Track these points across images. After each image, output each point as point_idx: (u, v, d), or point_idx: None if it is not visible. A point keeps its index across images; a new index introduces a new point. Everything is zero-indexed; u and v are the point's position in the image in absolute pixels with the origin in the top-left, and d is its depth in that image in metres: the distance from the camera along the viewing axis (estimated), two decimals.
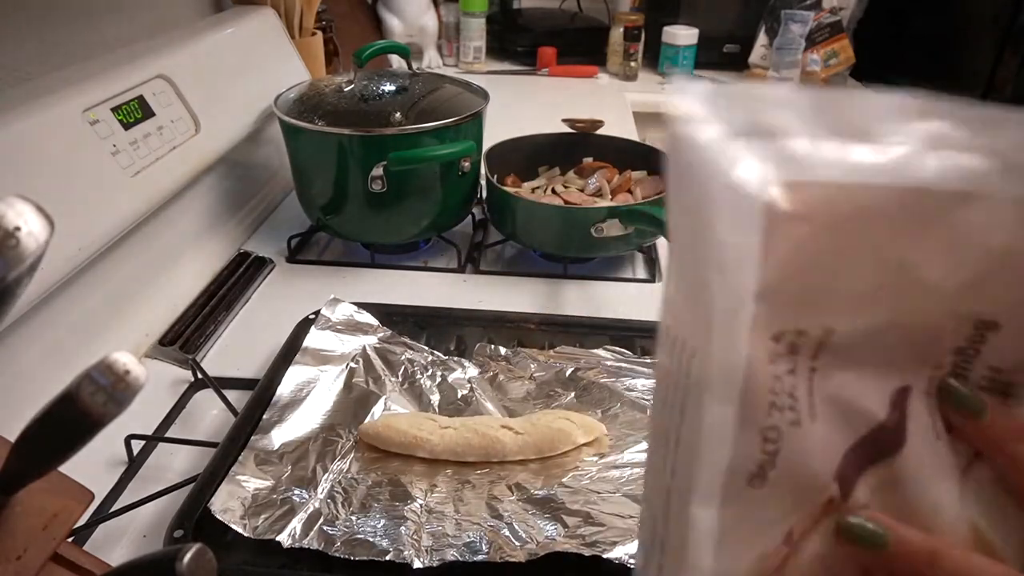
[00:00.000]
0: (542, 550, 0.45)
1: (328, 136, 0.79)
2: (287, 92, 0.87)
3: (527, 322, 0.71)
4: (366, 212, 0.83)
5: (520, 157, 0.98)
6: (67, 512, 0.33)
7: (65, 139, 0.63)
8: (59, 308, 0.62)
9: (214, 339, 0.74)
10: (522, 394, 0.62)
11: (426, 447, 0.54)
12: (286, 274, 0.86)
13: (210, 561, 0.27)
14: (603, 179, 0.93)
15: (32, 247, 0.22)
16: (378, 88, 0.86)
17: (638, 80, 1.69)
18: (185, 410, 0.64)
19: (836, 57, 1.54)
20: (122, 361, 0.24)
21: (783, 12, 1.53)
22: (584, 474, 0.53)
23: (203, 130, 0.82)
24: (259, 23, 1.02)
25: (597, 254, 0.86)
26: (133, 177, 0.69)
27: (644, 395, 0.60)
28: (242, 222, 0.94)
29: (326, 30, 1.24)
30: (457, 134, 0.82)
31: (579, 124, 1.00)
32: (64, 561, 0.33)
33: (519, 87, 1.65)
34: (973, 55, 1.39)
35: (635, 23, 1.64)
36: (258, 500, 0.49)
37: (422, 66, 1.68)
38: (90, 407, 0.24)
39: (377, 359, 0.64)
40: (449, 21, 1.70)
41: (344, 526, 0.48)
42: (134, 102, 0.73)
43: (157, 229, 0.77)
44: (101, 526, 0.51)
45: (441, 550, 0.46)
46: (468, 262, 0.88)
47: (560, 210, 0.86)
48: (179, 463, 0.58)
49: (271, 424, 0.56)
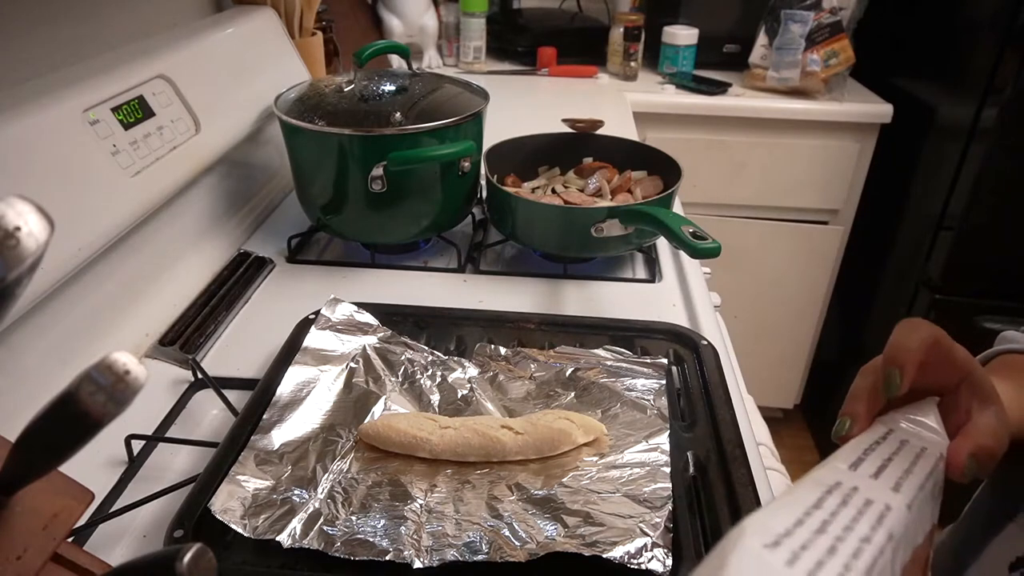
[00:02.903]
0: (542, 550, 0.45)
1: (328, 136, 0.79)
2: (287, 92, 0.87)
3: (527, 322, 0.71)
4: (366, 212, 0.83)
5: (520, 157, 0.98)
6: (67, 512, 0.33)
7: (65, 139, 0.63)
8: (59, 308, 0.62)
9: (214, 339, 0.74)
10: (522, 394, 0.62)
11: (426, 447, 0.54)
12: (286, 274, 0.86)
13: (210, 561, 0.27)
14: (603, 179, 0.93)
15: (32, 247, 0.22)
16: (378, 88, 0.86)
17: (638, 80, 1.69)
18: (185, 410, 0.64)
19: (836, 57, 1.53)
20: (122, 361, 0.24)
21: (783, 12, 1.53)
22: (584, 474, 0.53)
23: (203, 130, 0.82)
24: (259, 23, 1.02)
25: (597, 254, 0.86)
26: (133, 177, 0.69)
27: (644, 395, 0.60)
28: (242, 222, 0.94)
29: (326, 30, 1.24)
30: (457, 134, 0.82)
31: (579, 124, 1.00)
32: (64, 561, 0.33)
33: (519, 87, 1.65)
34: (973, 55, 1.39)
35: (635, 23, 1.64)
36: (258, 500, 0.49)
37: (422, 66, 1.68)
38: (90, 407, 0.24)
39: (377, 359, 0.64)
40: (449, 21, 1.70)
41: (344, 526, 0.48)
42: (134, 102, 0.73)
43: (157, 229, 0.77)
44: (101, 526, 0.51)
45: (441, 550, 0.46)
46: (468, 262, 0.88)
47: (560, 210, 0.86)
48: (179, 463, 0.58)
49: (271, 424, 0.56)
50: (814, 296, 1.78)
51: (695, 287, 0.84)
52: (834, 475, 0.34)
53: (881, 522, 0.31)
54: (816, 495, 0.31)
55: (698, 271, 0.88)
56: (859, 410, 0.41)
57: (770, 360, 1.87)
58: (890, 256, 1.67)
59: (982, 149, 1.35)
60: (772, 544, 0.27)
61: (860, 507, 0.31)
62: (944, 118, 1.48)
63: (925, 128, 1.53)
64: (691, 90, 1.61)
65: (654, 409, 0.58)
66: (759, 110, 1.56)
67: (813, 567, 0.26)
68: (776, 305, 1.80)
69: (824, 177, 1.63)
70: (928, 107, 1.53)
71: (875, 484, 0.34)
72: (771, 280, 1.76)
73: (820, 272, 1.75)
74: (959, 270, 1.45)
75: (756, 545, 0.27)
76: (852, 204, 1.68)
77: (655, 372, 0.63)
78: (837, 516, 0.30)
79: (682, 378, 0.65)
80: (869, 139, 1.60)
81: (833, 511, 0.30)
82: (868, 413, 0.41)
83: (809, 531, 0.28)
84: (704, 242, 0.66)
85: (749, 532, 0.27)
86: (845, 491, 0.32)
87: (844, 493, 0.32)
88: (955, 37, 1.47)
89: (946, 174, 1.44)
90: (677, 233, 0.68)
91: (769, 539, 0.27)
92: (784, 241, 1.71)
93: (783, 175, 1.63)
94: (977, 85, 1.35)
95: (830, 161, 1.61)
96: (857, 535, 0.29)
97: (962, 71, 1.43)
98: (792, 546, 0.27)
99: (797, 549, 0.27)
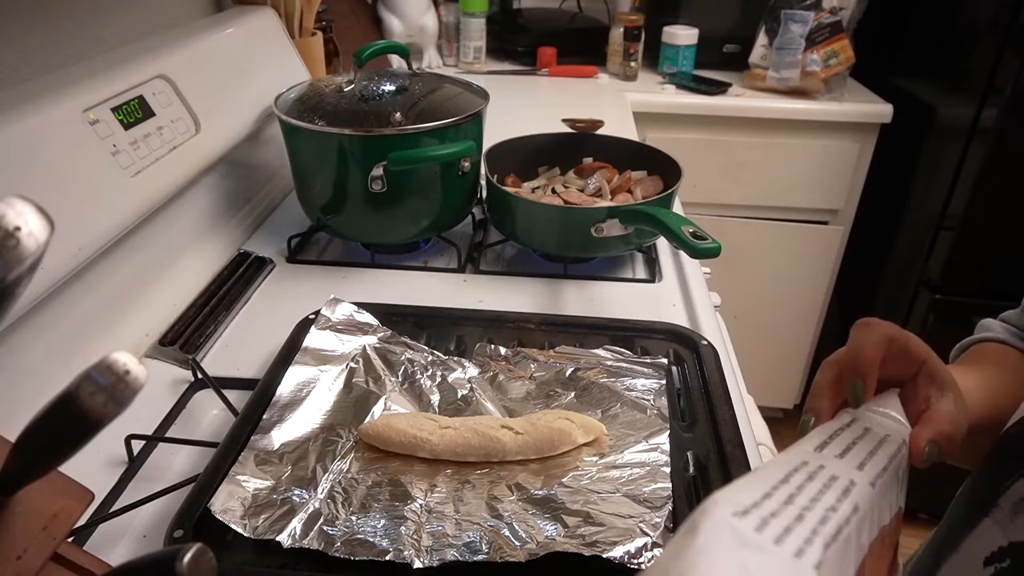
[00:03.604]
0: (542, 550, 0.45)
1: (328, 136, 0.79)
2: (287, 92, 0.87)
3: (527, 322, 0.71)
4: (366, 212, 0.83)
5: (520, 157, 0.98)
6: (67, 512, 0.33)
7: (65, 139, 0.63)
8: (59, 308, 0.62)
9: (214, 339, 0.74)
10: (522, 394, 0.62)
11: (426, 447, 0.54)
12: (286, 274, 0.86)
13: (210, 561, 0.27)
14: (603, 179, 0.93)
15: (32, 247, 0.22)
16: (378, 88, 0.86)
17: (638, 80, 1.69)
18: (185, 410, 0.64)
19: (836, 57, 1.53)
20: (122, 361, 0.24)
21: (783, 12, 1.53)
22: (584, 474, 0.53)
23: (203, 130, 0.82)
24: (259, 23, 1.02)
25: (597, 254, 0.86)
26: (133, 177, 0.69)
27: (644, 395, 0.60)
28: (242, 222, 0.94)
29: (326, 30, 1.24)
30: (457, 134, 0.82)
31: (579, 124, 1.00)
32: (64, 561, 0.33)
33: (519, 87, 1.65)
34: (973, 55, 1.39)
35: (635, 23, 1.64)
36: (258, 500, 0.49)
37: (422, 66, 1.68)
38: (90, 407, 0.24)
39: (377, 359, 0.64)
40: (449, 21, 1.70)
41: (344, 526, 0.48)
42: (134, 102, 0.73)
43: (157, 229, 0.77)
44: (101, 526, 0.51)
45: (441, 550, 0.46)
46: (468, 262, 0.88)
47: (560, 210, 0.86)
48: (179, 463, 0.58)
49: (271, 424, 0.56)
50: (814, 296, 1.78)
51: (695, 287, 0.84)
52: (800, 456, 0.35)
53: (846, 495, 0.32)
54: (783, 472, 0.32)
55: (698, 271, 0.88)
56: (823, 405, 0.43)
57: (770, 360, 1.87)
58: (890, 256, 1.67)
59: (982, 149, 1.35)
60: (741, 513, 0.28)
61: (826, 481, 0.33)
62: (944, 118, 1.48)
63: (925, 128, 1.53)
64: (691, 90, 1.61)
65: (654, 409, 0.58)
66: (759, 110, 1.56)
67: (781, 532, 0.27)
68: (776, 305, 1.80)
69: (824, 177, 1.63)
70: (928, 107, 1.53)
71: (840, 463, 0.35)
72: (771, 280, 1.76)
73: (820, 272, 1.75)
74: (959, 270, 1.45)
75: (726, 513, 0.27)
76: (852, 204, 1.68)
77: (655, 372, 0.63)
78: (803, 489, 0.31)
79: (682, 378, 0.65)
80: (869, 139, 1.59)
81: (800, 485, 0.31)
82: (831, 407, 0.43)
83: (777, 502, 0.29)
84: (704, 242, 0.66)
85: (720, 503, 0.28)
86: (811, 469, 0.33)
87: (810, 470, 0.33)
88: (955, 37, 1.47)
89: (946, 174, 1.44)
90: (677, 233, 0.67)
91: (739, 509, 0.28)
92: (784, 241, 1.71)
93: (783, 175, 1.63)
94: (977, 85, 1.35)
95: (830, 161, 1.61)
96: (823, 505, 0.30)
97: (962, 71, 1.43)
98: (761, 514, 0.28)
99: (766, 516, 0.28)
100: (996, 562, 0.43)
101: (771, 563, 0.26)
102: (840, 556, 0.29)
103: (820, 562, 0.27)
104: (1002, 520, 0.44)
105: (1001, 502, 0.45)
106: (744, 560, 0.26)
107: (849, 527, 0.30)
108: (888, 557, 0.36)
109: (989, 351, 0.58)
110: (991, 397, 0.52)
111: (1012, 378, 0.54)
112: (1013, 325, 0.59)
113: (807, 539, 0.28)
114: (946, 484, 0.57)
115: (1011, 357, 0.57)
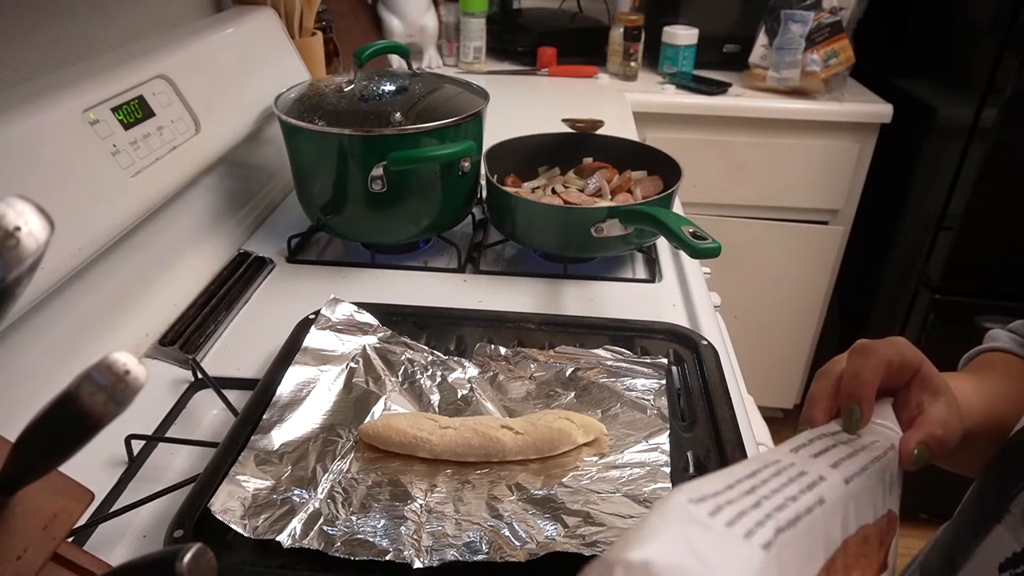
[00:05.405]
0: (542, 550, 0.45)
1: (328, 136, 0.79)
2: (287, 92, 0.87)
3: (527, 322, 0.71)
4: (366, 212, 0.83)
5: (520, 157, 0.98)
6: (67, 512, 0.33)
7: (65, 139, 0.63)
8: (59, 308, 0.62)
9: (214, 339, 0.74)
10: (522, 394, 0.62)
11: (426, 447, 0.54)
12: (286, 274, 0.86)
13: (210, 561, 0.27)
14: (603, 179, 0.93)
15: (32, 247, 0.22)
16: (378, 88, 0.86)
17: (638, 80, 1.69)
18: (185, 410, 0.64)
19: (836, 57, 1.53)
20: (122, 361, 0.24)
21: (783, 12, 1.53)
22: (584, 474, 0.53)
23: (203, 130, 0.82)
24: (259, 23, 1.02)
25: (597, 254, 0.86)
26: (133, 177, 0.69)
27: (644, 395, 0.60)
28: (242, 222, 0.94)
29: (326, 30, 1.24)
30: (457, 134, 0.82)
31: (579, 124, 1.00)
32: (64, 561, 0.33)
33: (519, 87, 1.65)
34: (973, 55, 1.39)
35: (635, 23, 1.64)
36: (258, 500, 0.49)
37: (422, 66, 1.68)
38: (90, 407, 0.24)
39: (377, 359, 0.64)
40: (449, 21, 1.70)
41: (344, 526, 0.48)
42: (134, 102, 0.73)
43: (157, 229, 0.77)
44: (101, 526, 0.51)
45: (441, 550, 0.46)
46: (468, 262, 0.88)
47: (560, 210, 0.86)
48: (179, 463, 0.58)
49: (271, 424, 0.56)
50: (814, 296, 1.78)
51: (695, 287, 0.84)
52: (775, 455, 0.35)
53: (812, 488, 0.32)
54: (752, 468, 0.33)
55: (698, 271, 0.88)
56: (817, 415, 0.43)
57: (770, 360, 1.87)
58: (890, 256, 1.67)
59: (982, 149, 1.35)
60: (698, 499, 0.28)
61: (793, 476, 0.33)
62: (944, 118, 1.48)
63: (925, 128, 1.53)
64: (691, 90, 1.61)
65: (654, 409, 0.58)
66: (759, 110, 1.56)
67: (735, 516, 0.28)
68: (776, 305, 1.80)
69: (824, 177, 1.63)
70: (928, 107, 1.53)
71: (814, 461, 0.35)
72: (771, 280, 1.76)
73: (820, 272, 1.74)
74: (959, 270, 1.45)
75: (683, 500, 0.28)
76: (852, 204, 1.68)
77: (655, 372, 0.63)
78: (768, 483, 0.31)
79: (682, 378, 0.65)
80: (869, 139, 1.59)
81: (765, 479, 0.32)
82: (826, 418, 0.43)
83: (738, 492, 0.30)
84: (704, 242, 0.66)
85: (680, 491, 0.29)
86: (782, 466, 0.34)
87: (780, 467, 0.33)
88: (955, 37, 1.47)
89: (946, 174, 1.44)
90: (677, 233, 0.67)
91: (696, 496, 0.28)
92: (784, 241, 1.71)
93: (783, 175, 1.63)
94: (977, 85, 1.35)
95: (830, 161, 1.61)
96: (784, 495, 0.31)
97: (962, 71, 1.43)
98: (718, 501, 0.29)
99: (722, 503, 0.29)
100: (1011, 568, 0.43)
101: (717, 540, 0.27)
102: (798, 544, 0.29)
103: (769, 543, 0.27)
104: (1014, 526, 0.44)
105: (1012, 508, 0.45)
106: (690, 535, 0.26)
107: (811, 517, 0.30)
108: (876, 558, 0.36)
109: (992, 360, 0.59)
110: (991, 403, 0.52)
111: (1014, 385, 0.54)
112: (1019, 335, 0.59)
113: (759, 522, 0.28)
114: (946, 485, 0.57)
115: (1014, 365, 0.57)
